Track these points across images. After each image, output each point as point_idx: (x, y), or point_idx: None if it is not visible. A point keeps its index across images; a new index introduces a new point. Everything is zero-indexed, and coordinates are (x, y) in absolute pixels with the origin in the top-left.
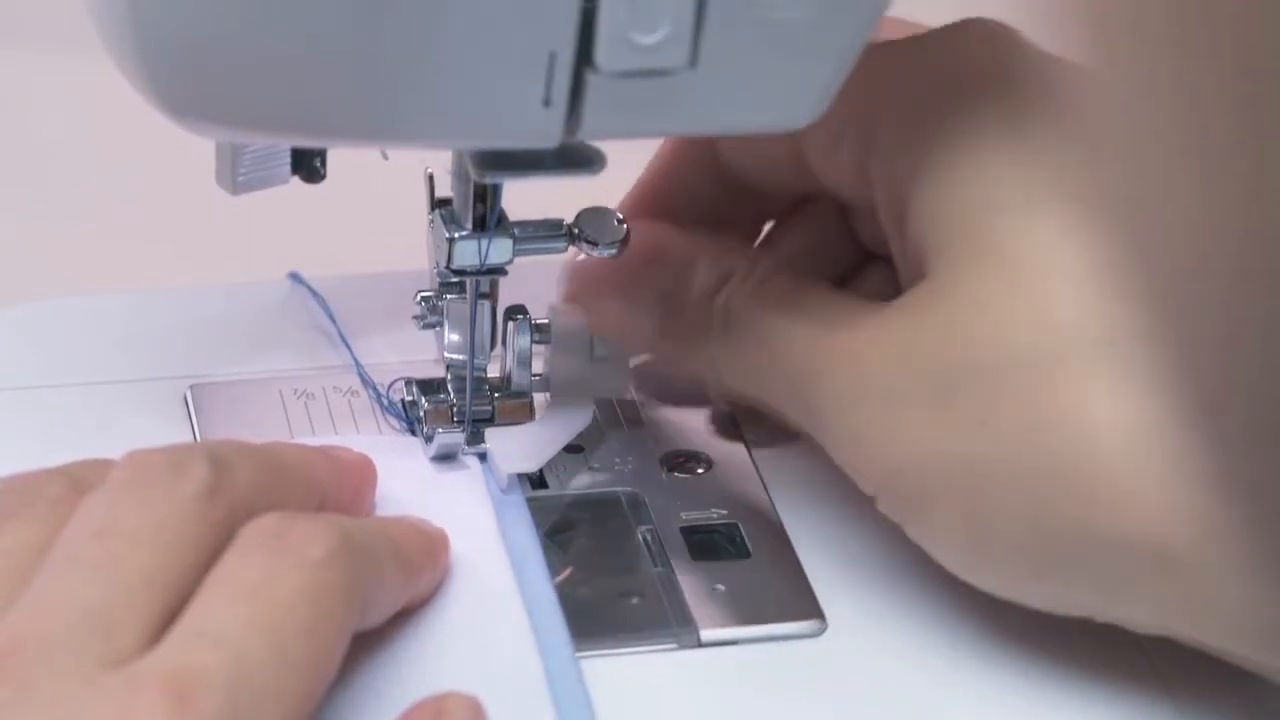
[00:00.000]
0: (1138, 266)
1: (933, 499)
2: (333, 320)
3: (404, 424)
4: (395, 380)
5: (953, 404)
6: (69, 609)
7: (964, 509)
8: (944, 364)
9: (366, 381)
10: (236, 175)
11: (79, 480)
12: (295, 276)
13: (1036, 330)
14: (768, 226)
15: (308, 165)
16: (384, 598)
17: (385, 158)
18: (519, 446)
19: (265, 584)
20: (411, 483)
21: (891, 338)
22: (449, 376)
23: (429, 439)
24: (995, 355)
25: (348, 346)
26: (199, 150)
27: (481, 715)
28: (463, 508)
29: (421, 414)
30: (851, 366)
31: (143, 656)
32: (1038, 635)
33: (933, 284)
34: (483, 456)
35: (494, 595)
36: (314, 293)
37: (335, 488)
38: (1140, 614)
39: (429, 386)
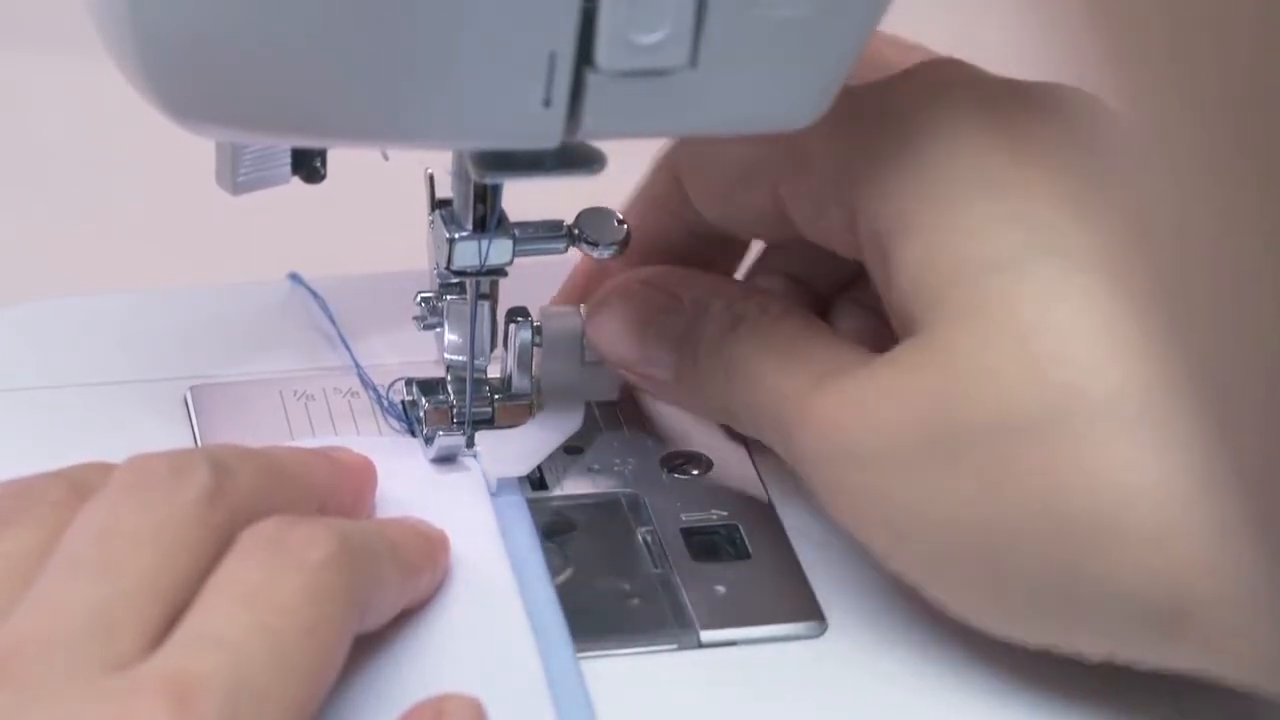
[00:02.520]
0: (1159, 308)
1: (947, 562)
2: (332, 321)
3: (404, 425)
4: (395, 381)
5: (955, 468)
6: (69, 612)
7: (982, 572)
8: (941, 427)
9: (366, 383)
10: (236, 175)
11: (79, 484)
12: (295, 277)
13: (1035, 392)
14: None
15: (308, 165)
16: (384, 599)
17: (385, 158)
18: (509, 450)
19: (265, 587)
20: (411, 483)
21: (883, 399)
22: (449, 377)
23: (429, 440)
24: (995, 418)
25: (347, 347)
26: (199, 150)
27: (482, 717)
28: (463, 508)
29: (421, 415)
30: (838, 430)
31: (144, 660)
32: None
33: (923, 341)
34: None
35: (494, 595)
36: (314, 294)
37: (335, 490)
38: (1174, 660)
39: (429, 387)
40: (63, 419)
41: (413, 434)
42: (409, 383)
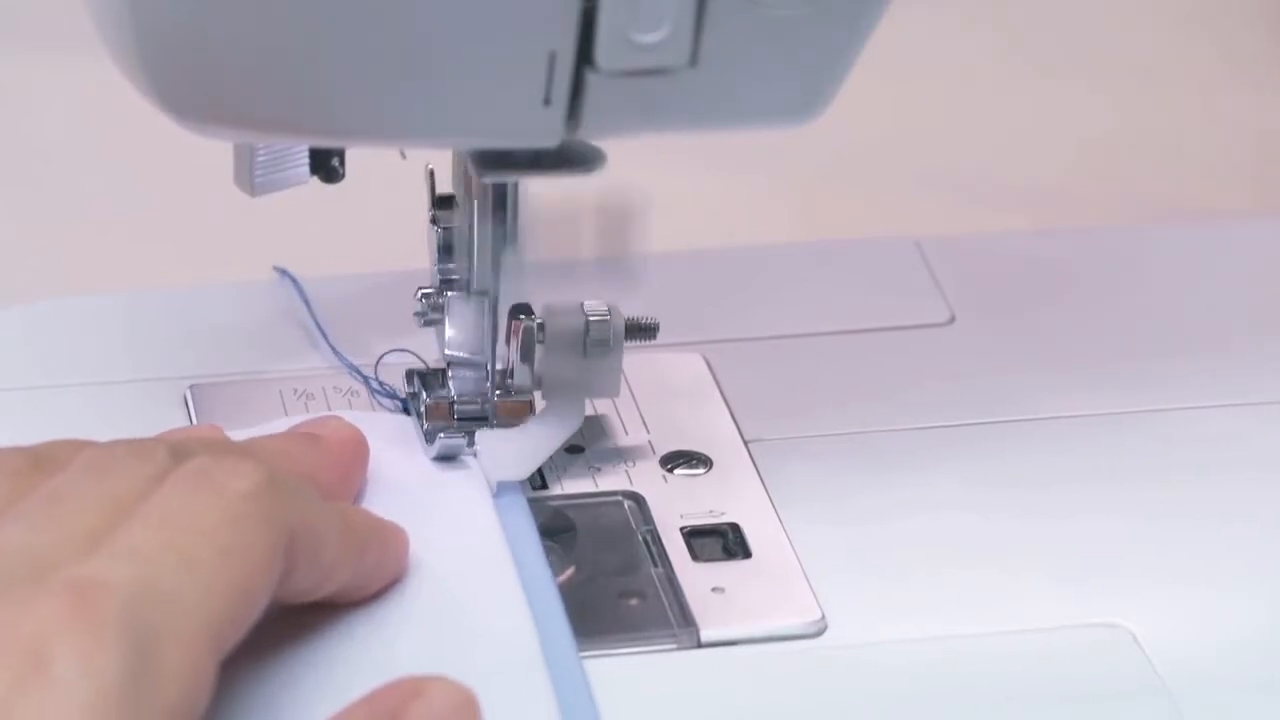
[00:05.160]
0: None
1: None
2: (307, 304)
3: (397, 405)
4: (383, 354)
5: None
6: (3, 550)
7: None
8: None
9: (347, 365)
10: (254, 177)
11: (43, 459)
12: (282, 270)
13: None
14: None
15: (325, 165)
16: (325, 558)
17: (403, 157)
18: (508, 452)
19: (184, 511)
20: (412, 480)
21: None
22: (450, 374)
23: (430, 439)
24: None
25: (323, 333)
26: (199, 150)
27: (468, 705)
28: (464, 505)
29: (422, 410)
30: None
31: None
32: (1037, 635)
33: None
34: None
35: (498, 593)
36: (295, 281)
37: (318, 469)
38: None
39: (430, 381)
40: (63, 419)
41: (406, 412)
42: (409, 376)
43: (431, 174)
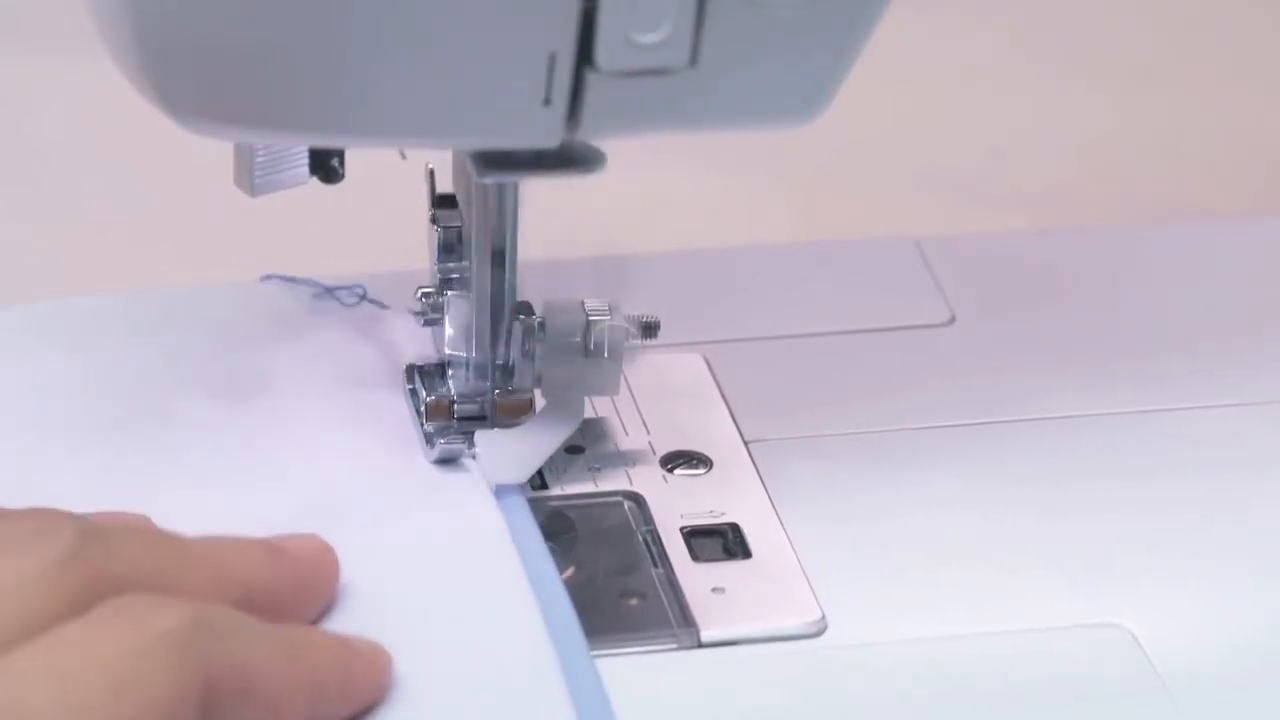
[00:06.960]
0: None
1: None
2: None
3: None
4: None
5: None
6: None
7: None
8: None
9: (326, 286)
10: (254, 177)
11: None
12: (269, 277)
13: None
14: None
15: (325, 166)
16: (265, 692)
17: (403, 157)
18: (507, 454)
19: (86, 639)
20: (414, 481)
21: None
22: (450, 373)
23: (430, 441)
24: None
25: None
26: (199, 150)
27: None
28: (466, 507)
29: (422, 408)
30: None
31: None
32: (1037, 634)
33: None
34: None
35: (506, 594)
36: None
37: (268, 581)
38: None
39: (430, 379)
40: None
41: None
42: (410, 371)
43: (431, 174)
